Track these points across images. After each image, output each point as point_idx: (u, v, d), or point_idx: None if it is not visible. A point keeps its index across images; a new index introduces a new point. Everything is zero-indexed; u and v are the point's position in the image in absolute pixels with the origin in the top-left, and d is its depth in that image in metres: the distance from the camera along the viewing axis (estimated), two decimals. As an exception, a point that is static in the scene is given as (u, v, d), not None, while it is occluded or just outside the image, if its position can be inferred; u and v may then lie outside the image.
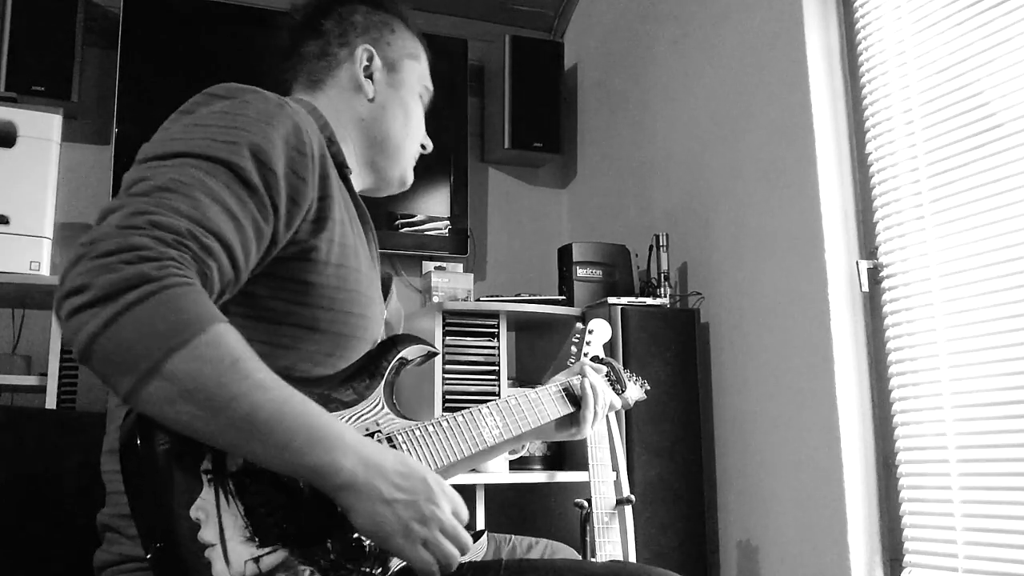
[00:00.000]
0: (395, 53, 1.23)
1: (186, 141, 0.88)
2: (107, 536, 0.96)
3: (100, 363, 0.75)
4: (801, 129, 2.32)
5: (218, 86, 0.98)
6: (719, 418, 2.62)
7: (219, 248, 0.82)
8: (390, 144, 1.21)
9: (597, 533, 1.93)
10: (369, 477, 0.84)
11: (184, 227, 0.80)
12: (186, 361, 0.75)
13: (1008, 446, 1.85)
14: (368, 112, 1.19)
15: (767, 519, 2.39)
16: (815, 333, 2.24)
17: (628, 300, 2.61)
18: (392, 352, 1.07)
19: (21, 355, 2.56)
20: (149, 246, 0.76)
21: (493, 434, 1.14)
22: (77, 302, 0.74)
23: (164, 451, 0.79)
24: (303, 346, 0.97)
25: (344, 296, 1.00)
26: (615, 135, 3.32)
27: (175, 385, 0.75)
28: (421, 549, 0.86)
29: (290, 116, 0.96)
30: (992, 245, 1.91)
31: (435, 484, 0.89)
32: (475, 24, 3.58)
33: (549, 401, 1.29)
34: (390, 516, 0.84)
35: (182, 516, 0.78)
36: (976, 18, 1.96)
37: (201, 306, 0.77)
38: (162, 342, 0.74)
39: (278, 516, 0.85)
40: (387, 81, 1.21)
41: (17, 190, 2.44)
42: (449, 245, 3.31)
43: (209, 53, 3.08)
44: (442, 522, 0.88)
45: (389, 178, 1.24)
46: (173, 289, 0.75)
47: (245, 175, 0.87)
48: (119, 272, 0.74)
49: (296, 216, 0.93)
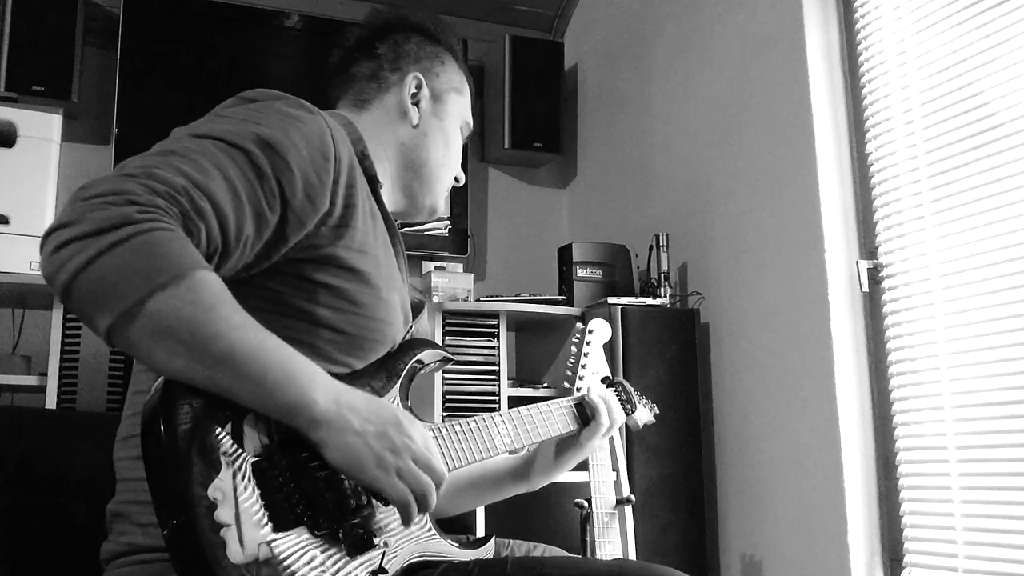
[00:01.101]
0: (443, 85, 1.26)
1: (209, 127, 0.92)
2: (115, 526, 0.96)
3: (80, 301, 0.77)
4: (801, 129, 2.32)
5: (253, 91, 1.01)
6: (719, 418, 2.62)
7: (210, 211, 0.84)
8: (427, 170, 1.24)
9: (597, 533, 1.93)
10: (341, 412, 0.87)
11: (180, 183, 0.82)
12: (168, 301, 0.77)
13: (1008, 446, 1.85)
14: (410, 138, 1.22)
15: (767, 519, 2.39)
16: (815, 333, 2.24)
17: (628, 300, 2.61)
18: (409, 355, 1.10)
19: (21, 355, 2.56)
20: (138, 192, 0.79)
21: (505, 442, 1.16)
22: (63, 236, 0.77)
23: (184, 432, 0.81)
24: (323, 345, 0.99)
25: (367, 301, 1.02)
26: (615, 135, 3.32)
27: (157, 323, 0.78)
28: (395, 478, 0.88)
29: (317, 122, 0.98)
30: (992, 245, 1.91)
31: (405, 418, 0.92)
32: (475, 24, 3.58)
33: (560, 415, 1.30)
34: (362, 447, 0.87)
35: (200, 495, 0.79)
36: (976, 18, 1.96)
37: (184, 252, 0.79)
38: (144, 281, 0.77)
39: (293, 501, 0.86)
40: (432, 111, 1.24)
41: (17, 190, 2.44)
42: (449, 245, 3.31)
43: (209, 53, 3.07)
44: (413, 452, 0.90)
45: (420, 204, 1.28)
46: (155, 233, 0.78)
47: (256, 160, 0.90)
48: (104, 211, 0.77)
49: (310, 215, 0.94)
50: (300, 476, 0.87)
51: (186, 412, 0.81)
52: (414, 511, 0.90)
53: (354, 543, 0.89)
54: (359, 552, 0.90)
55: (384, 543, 0.94)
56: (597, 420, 1.32)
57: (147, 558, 0.91)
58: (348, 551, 0.89)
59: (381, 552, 0.93)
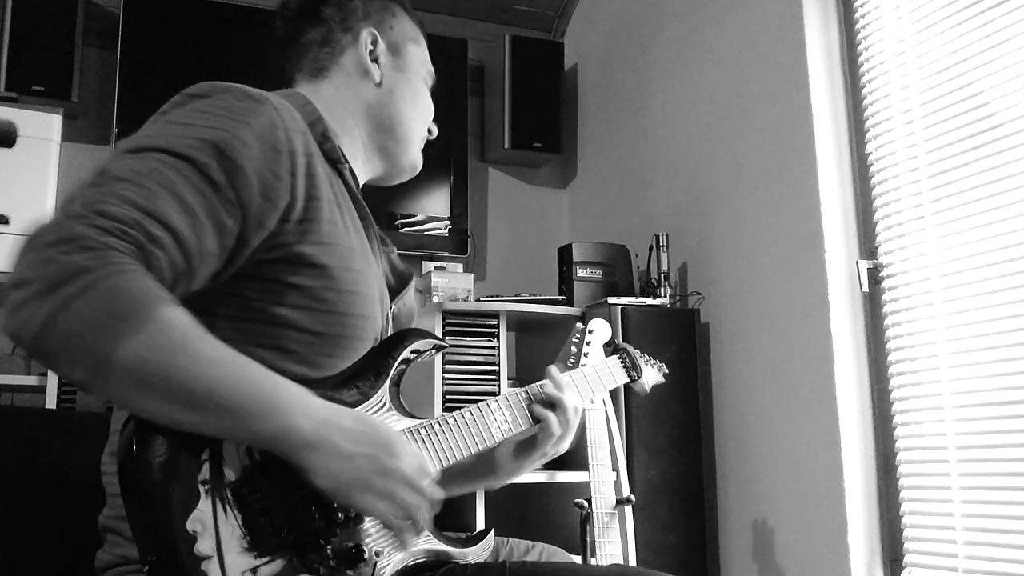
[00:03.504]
0: (398, 37, 1.21)
1: (154, 137, 0.88)
2: (108, 538, 0.96)
3: (49, 360, 0.76)
4: (801, 129, 2.32)
5: (198, 85, 0.97)
6: (719, 418, 2.62)
7: (168, 238, 0.81)
8: (400, 127, 1.20)
9: (597, 533, 1.93)
10: (328, 434, 0.84)
11: (131, 216, 0.79)
12: (136, 350, 0.75)
13: (1008, 446, 1.85)
14: (376, 97, 1.17)
15: (767, 519, 2.39)
16: (815, 333, 2.24)
17: (628, 300, 2.61)
18: (398, 349, 1.05)
19: (21, 355, 2.56)
20: (88, 235, 0.76)
21: (502, 429, 1.11)
22: (18, 297, 0.74)
23: (161, 463, 0.79)
24: (299, 348, 0.96)
25: (339, 298, 0.98)
26: (615, 135, 3.32)
27: (130, 374, 0.75)
28: (382, 501, 0.86)
29: (267, 113, 0.94)
30: (992, 245, 1.91)
31: (396, 440, 0.89)
32: (475, 24, 3.58)
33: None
34: (349, 470, 0.85)
35: (178, 529, 0.78)
36: (976, 18, 1.96)
37: (142, 292, 0.76)
38: (107, 332, 0.74)
39: (277, 525, 0.84)
40: (393, 65, 1.20)
41: (17, 190, 2.44)
42: (449, 245, 3.31)
43: (209, 53, 3.08)
44: (403, 474, 0.88)
45: (400, 164, 1.23)
46: (111, 279, 0.74)
47: (207, 171, 0.86)
48: (57, 264, 0.74)
49: (270, 214, 0.91)
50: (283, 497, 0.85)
51: (160, 443, 0.79)
52: (408, 536, 0.89)
53: (343, 558, 0.88)
54: (350, 566, 0.88)
55: (376, 552, 0.92)
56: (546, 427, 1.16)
57: (139, 569, 0.90)
58: (338, 566, 0.87)
59: (373, 563, 0.91)
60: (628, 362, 1.41)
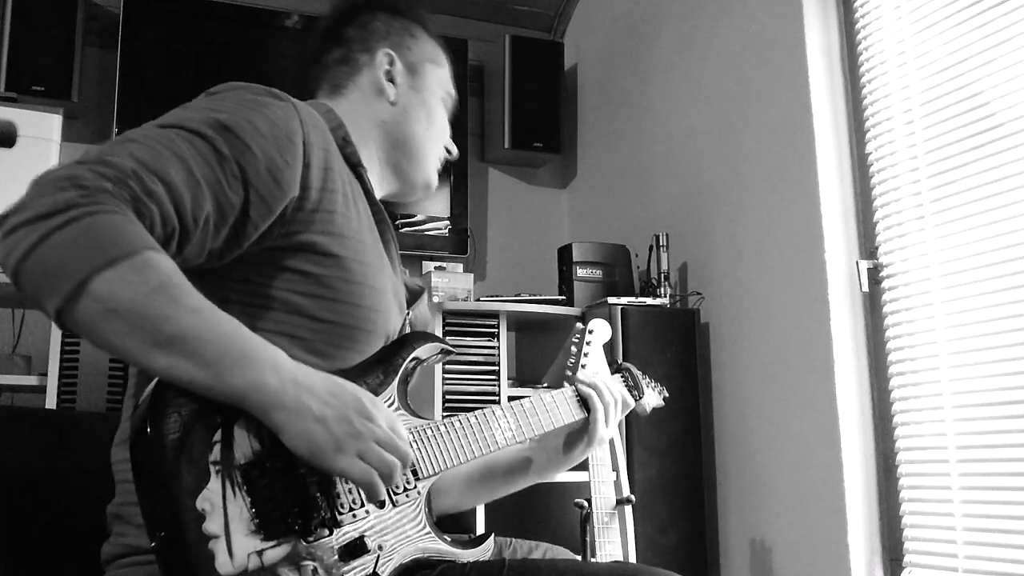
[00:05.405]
0: (416, 57, 1.24)
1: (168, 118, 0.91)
2: (115, 527, 0.96)
3: (28, 285, 0.77)
4: (801, 129, 2.32)
5: (220, 84, 0.99)
6: (719, 418, 2.62)
7: (163, 193, 0.83)
8: (412, 146, 1.22)
9: (597, 533, 1.93)
10: (298, 395, 0.84)
11: (130, 167, 0.82)
12: (111, 281, 0.77)
13: (1008, 446, 1.85)
14: (390, 115, 1.20)
15: (767, 519, 2.39)
16: (815, 333, 2.24)
17: (628, 300, 2.61)
18: (408, 349, 1.06)
19: (21, 355, 2.56)
20: (87, 177, 0.79)
21: (506, 436, 1.13)
22: (11, 222, 0.77)
23: (173, 441, 0.80)
24: (308, 335, 0.97)
25: (350, 288, 0.99)
26: (615, 135, 3.32)
27: (102, 304, 0.77)
28: (357, 460, 0.86)
29: (284, 107, 0.96)
30: (992, 245, 1.91)
31: (368, 401, 0.89)
32: (475, 24, 3.58)
33: (564, 404, 1.25)
34: (321, 432, 0.84)
35: (187, 507, 0.79)
36: (976, 18, 1.96)
37: (128, 233, 0.78)
38: (85, 262, 0.76)
39: (285, 509, 0.85)
40: (409, 84, 1.22)
41: (17, 190, 2.43)
42: (449, 245, 3.32)
43: (209, 53, 3.08)
44: (376, 434, 0.88)
45: (413, 182, 1.25)
46: (95, 216, 0.77)
47: (214, 143, 0.88)
48: (51, 197, 0.78)
49: (277, 197, 0.92)
50: (291, 482, 0.85)
51: (174, 421, 0.80)
52: (379, 490, 0.88)
53: (347, 548, 0.88)
54: (352, 558, 0.89)
55: (379, 546, 0.93)
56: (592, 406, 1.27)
57: (145, 559, 0.90)
58: (341, 557, 0.88)
59: (375, 556, 0.92)
60: (630, 382, 1.42)
